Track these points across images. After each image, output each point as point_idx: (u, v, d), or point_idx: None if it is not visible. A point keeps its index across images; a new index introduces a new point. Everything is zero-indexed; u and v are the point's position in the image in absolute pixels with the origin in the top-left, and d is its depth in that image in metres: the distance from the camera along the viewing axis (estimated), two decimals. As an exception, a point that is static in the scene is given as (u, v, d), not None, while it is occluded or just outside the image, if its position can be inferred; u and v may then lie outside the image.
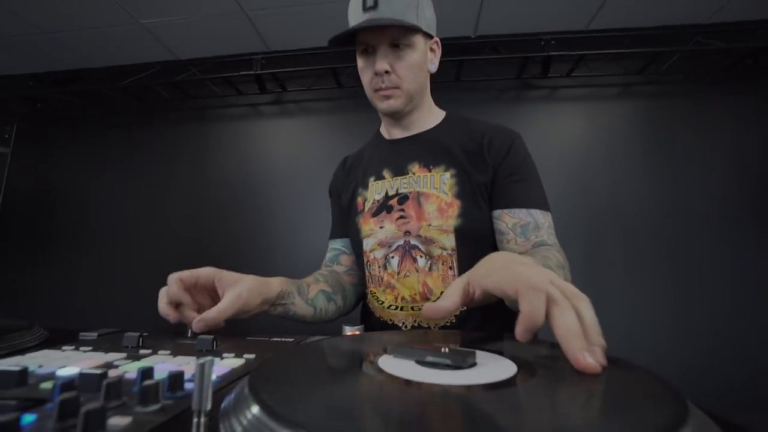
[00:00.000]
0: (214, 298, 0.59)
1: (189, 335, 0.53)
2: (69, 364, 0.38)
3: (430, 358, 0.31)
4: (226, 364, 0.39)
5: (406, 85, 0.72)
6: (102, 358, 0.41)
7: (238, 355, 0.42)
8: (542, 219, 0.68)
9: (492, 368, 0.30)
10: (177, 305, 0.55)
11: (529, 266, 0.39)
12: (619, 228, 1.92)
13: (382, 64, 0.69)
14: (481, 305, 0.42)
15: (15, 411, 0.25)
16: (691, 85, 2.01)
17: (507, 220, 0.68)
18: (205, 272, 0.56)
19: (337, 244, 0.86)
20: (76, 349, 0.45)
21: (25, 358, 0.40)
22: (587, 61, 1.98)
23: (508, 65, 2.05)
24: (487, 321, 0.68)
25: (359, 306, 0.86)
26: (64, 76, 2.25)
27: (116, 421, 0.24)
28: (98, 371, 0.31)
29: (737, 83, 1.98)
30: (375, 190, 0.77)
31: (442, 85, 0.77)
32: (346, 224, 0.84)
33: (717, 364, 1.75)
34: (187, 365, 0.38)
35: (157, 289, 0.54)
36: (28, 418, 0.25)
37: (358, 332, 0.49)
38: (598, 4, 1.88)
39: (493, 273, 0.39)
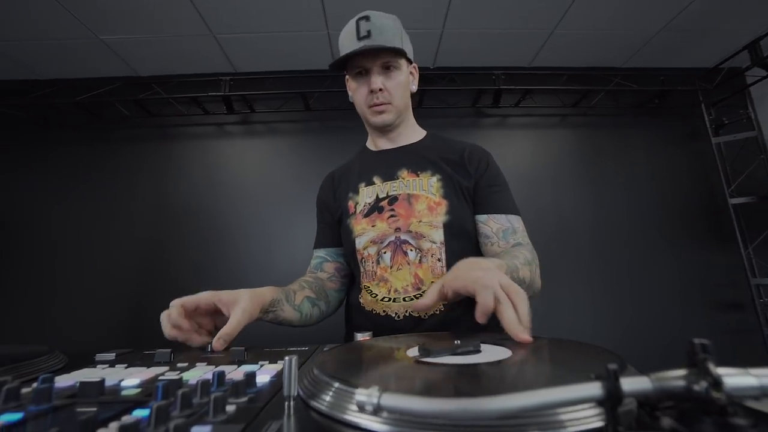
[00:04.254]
0: (212, 316, 0.65)
1: (209, 350, 0.58)
2: (126, 377, 0.42)
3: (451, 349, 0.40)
4: (270, 368, 0.45)
5: (396, 101, 0.83)
6: (149, 371, 0.45)
7: (273, 362, 0.49)
8: (517, 224, 0.81)
9: (492, 353, 0.40)
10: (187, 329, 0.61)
11: (485, 270, 0.52)
12: (564, 239, 2.17)
13: (376, 83, 0.79)
14: (456, 300, 0.56)
15: (127, 408, 0.31)
16: (614, 118, 2.36)
17: (492, 225, 0.80)
18: (205, 297, 0.63)
19: (321, 253, 0.92)
20: (112, 366, 0.49)
21: (73, 376, 0.43)
22: (532, 94, 2.25)
23: (464, 95, 2.27)
24: (467, 311, 0.78)
25: (342, 308, 0.92)
26: (7, 87, 2.09)
27: (227, 408, 0.30)
28: (173, 377, 0.37)
29: (648, 118, 2.36)
30: (366, 194, 0.84)
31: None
32: (329, 235, 0.91)
33: (642, 352, 2.03)
34: (234, 371, 0.44)
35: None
36: (142, 412, 0.30)
37: (368, 337, 0.57)
38: (538, 45, 2.17)
39: (459, 278, 0.53)
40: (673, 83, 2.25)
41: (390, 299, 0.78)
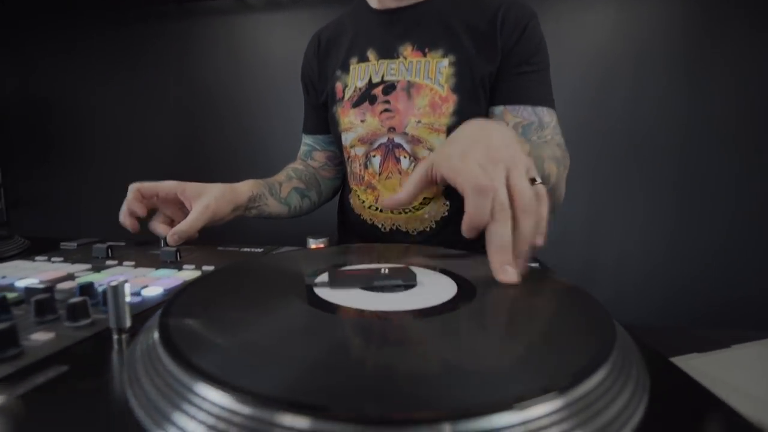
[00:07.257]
0: (185, 210, 0.60)
1: (163, 246, 0.54)
2: (33, 275, 0.39)
3: (371, 282, 0.30)
4: (182, 276, 0.39)
5: None
6: (67, 269, 0.42)
7: (198, 267, 0.43)
8: (548, 118, 0.61)
9: (432, 291, 0.29)
10: (143, 216, 0.56)
11: (492, 153, 0.34)
12: (631, 140, 1.78)
13: None
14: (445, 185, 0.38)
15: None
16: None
17: (509, 119, 0.61)
18: (167, 185, 0.56)
19: (309, 140, 0.82)
20: (48, 260, 0.47)
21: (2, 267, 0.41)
22: None
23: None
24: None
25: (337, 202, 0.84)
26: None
27: (39, 336, 0.24)
28: (44, 285, 0.32)
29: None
30: (357, 75, 0.67)
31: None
32: (318, 118, 0.78)
33: (707, 282, 1.77)
34: (143, 277, 0.39)
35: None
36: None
37: (322, 245, 0.49)
38: None
39: (452, 158, 0.35)
40: None
41: (377, 209, 0.68)
